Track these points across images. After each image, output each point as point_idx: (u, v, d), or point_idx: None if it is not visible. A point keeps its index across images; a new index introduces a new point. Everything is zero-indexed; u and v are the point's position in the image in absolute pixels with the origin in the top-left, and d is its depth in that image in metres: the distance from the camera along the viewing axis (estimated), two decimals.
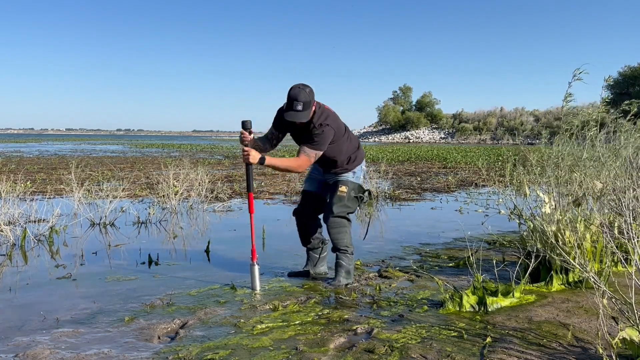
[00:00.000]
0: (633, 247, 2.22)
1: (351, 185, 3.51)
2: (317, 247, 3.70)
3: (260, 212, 3.44)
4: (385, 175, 11.32)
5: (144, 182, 9.93)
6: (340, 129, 3.42)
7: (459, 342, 2.50)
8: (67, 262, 4.16)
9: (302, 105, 3.15)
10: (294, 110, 3.17)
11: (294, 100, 3.15)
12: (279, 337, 2.57)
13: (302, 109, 3.16)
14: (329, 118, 3.32)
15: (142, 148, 30.99)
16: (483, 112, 61.57)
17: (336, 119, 3.42)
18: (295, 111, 3.17)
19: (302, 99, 3.15)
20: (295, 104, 3.15)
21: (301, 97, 3.15)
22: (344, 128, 3.49)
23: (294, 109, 3.16)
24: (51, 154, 21.76)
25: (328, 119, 3.32)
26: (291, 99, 3.18)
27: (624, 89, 47.03)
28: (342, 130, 3.45)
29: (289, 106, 3.19)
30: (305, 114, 3.19)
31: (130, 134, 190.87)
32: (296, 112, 3.17)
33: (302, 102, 3.15)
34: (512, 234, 5.33)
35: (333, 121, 3.35)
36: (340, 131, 3.42)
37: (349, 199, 3.49)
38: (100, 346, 2.48)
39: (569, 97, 3.55)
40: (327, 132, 3.28)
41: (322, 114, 3.32)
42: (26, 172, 11.84)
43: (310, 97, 3.19)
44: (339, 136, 3.40)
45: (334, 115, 3.40)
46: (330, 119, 3.33)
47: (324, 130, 3.27)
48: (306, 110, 3.18)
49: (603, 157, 3.79)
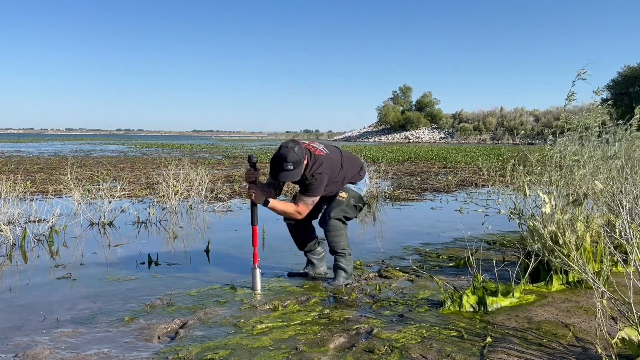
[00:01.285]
0: (631, 247, 2.22)
1: (352, 193, 3.52)
2: (313, 249, 3.71)
3: (260, 212, 3.43)
4: (385, 175, 11.32)
5: (143, 182, 9.93)
6: (335, 169, 3.44)
7: (459, 342, 2.50)
8: (67, 262, 4.16)
9: (292, 164, 3.21)
10: (285, 171, 3.23)
11: (284, 162, 3.21)
12: (279, 337, 2.58)
13: (292, 168, 3.22)
14: (322, 166, 3.36)
15: (142, 148, 30.99)
16: (483, 112, 61.57)
17: (330, 161, 3.42)
18: (287, 171, 3.23)
19: (291, 159, 3.20)
20: (285, 164, 3.21)
21: (290, 157, 3.20)
22: (340, 164, 3.49)
23: (285, 169, 3.23)
24: (51, 154, 21.76)
25: (321, 167, 3.36)
26: (281, 160, 3.23)
27: (624, 89, 47.02)
28: (338, 168, 3.46)
29: (280, 167, 3.25)
30: (296, 173, 3.25)
31: (130, 134, 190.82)
32: (288, 172, 3.23)
33: (292, 162, 3.20)
34: (512, 234, 5.33)
35: (327, 166, 3.38)
36: (336, 171, 3.44)
37: (348, 205, 3.49)
38: (100, 346, 2.48)
39: (571, 97, 3.56)
40: (321, 180, 3.34)
41: (315, 162, 3.36)
42: (26, 172, 11.84)
43: (300, 154, 3.23)
44: (334, 175, 3.44)
45: (327, 160, 3.41)
46: (324, 167, 3.36)
47: (317, 178, 3.34)
48: (297, 168, 3.24)
49: (600, 158, 3.79)
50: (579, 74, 3.45)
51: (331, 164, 3.42)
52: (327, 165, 3.39)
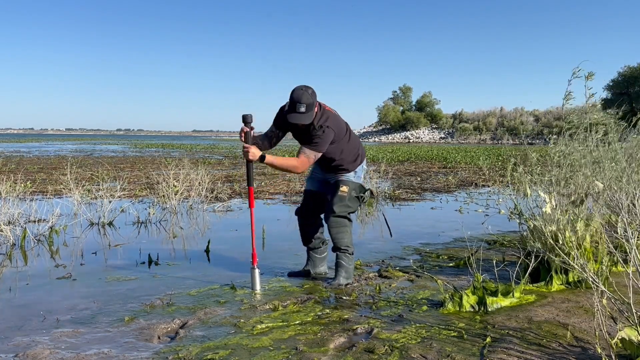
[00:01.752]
0: (631, 247, 2.22)
1: (352, 185, 3.52)
2: (317, 247, 3.71)
3: (260, 212, 3.44)
4: (385, 175, 11.32)
5: (143, 182, 9.93)
6: (341, 130, 3.43)
7: (459, 342, 2.50)
8: (67, 262, 4.16)
9: (305, 107, 3.17)
10: (297, 112, 3.19)
11: (297, 102, 3.17)
12: (279, 337, 2.58)
13: (305, 111, 3.18)
14: (329, 119, 3.33)
15: (142, 148, 30.99)
16: (483, 112, 61.61)
17: (337, 119, 3.42)
18: (299, 113, 3.19)
19: (305, 100, 3.17)
20: (298, 106, 3.17)
21: (304, 99, 3.17)
22: (345, 128, 3.50)
23: (297, 110, 3.18)
24: (51, 154, 21.76)
25: (328, 120, 3.33)
26: (294, 100, 3.19)
27: (624, 89, 47.03)
28: (343, 131, 3.46)
29: (292, 108, 3.21)
30: (308, 116, 3.21)
31: (130, 134, 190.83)
32: (299, 114, 3.19)
33: (305, 104, 3.17)
34: (512, 234, 5.33)
35: (333, 122, 3.35)
36: (341, 132, 3.43)
37: (350, 199, 3.49)
38: (100, 346, 2.48)
39: (569, 96, 3.56)
40: (327, 134, 3.29)
41: (323, 115, 3.34)
42: (26, 172, 11.84)
43: (313, 99, 3.21)
44: (340, 137, 3.41)
45: (334, 116, 3.41)
46: (331, 121, 3.34)
47: (324, 132, 3.28)
48: (309, 112, 3.20)
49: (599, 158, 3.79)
50: (575, 72, 3.45)
51: (338, 122, 3.41)
52: (334, 121, 3.37)
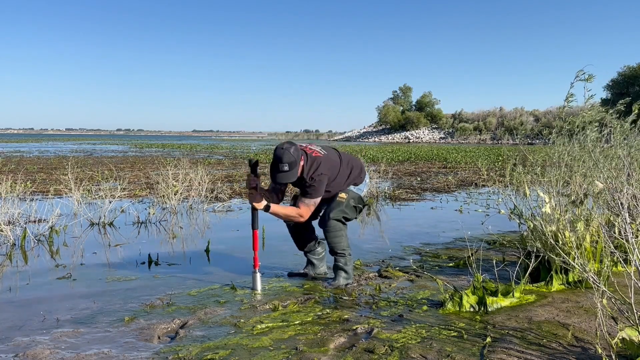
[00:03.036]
0: (631, 247, 2.22)
1: (351, 194, 3.52)
2: (313, 249, 3.71)
3: (260, 212, 3.43)
4: (385, 175, 11.32)
5: (143, 182, 9.93)
6: (335, 169, 3.45)
7: (459, 342, 2.50)
8: (67, 262, 4.16)
9: (287, 165, 3.22)
10: (281, 172, 3.24)
11: (279, 163, 3.23)
12: (279, 337, 2.58)
13: (288, 169, 3.23)
14: (320, 166, 3.36)
15: (142, 148, 30.99)
16: (483, 112, 61.61)
17: (327, 161, 3.42)
18: (283, 172, 3.24)
19: (286, 160, 3.21)
20: (281, 165, 3.23)
21: (285, 158, 3.21)
22: (339, 165, 3.49)
23: (281, 170, 3.24)
24: (51, 154, 21.76)
25: (319, 167, 3.36)
26: (276, 160, 3.25)
27: (624, 89, 47.02)
28: (337, 169, 3.47)
29: (276, 168, 3.26)
30: (292, 174, 3.26)
31: (130, 134, 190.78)
32: (283, 173, 3.24)
33: (287, 163, 3.22)
34: (512, 234, 5.33)
35: (325, 167, 3.38)
36: (335, 171, 3.45)
37: (347, 206, 3.49)
38: (100, 346, 2.48)
39: (570, 97, 3.56)
40: (320, 181, 3.35)
41: (313, 164, 3.36)
42: (26, 172, 11.84)
43: (295, 155, 3.24)
44: (335, 175, 3.44)
45: (325, 160, 3.41)
46: (322, 167, 3.37)
47: (317, 180, 3.34)
48: (293, 169, 3.25)
49: (598, 157, 3.79)
50: (578, 75, 3.45)
51: (330, 164, 3.43)
52: (326, 165, 3.39)
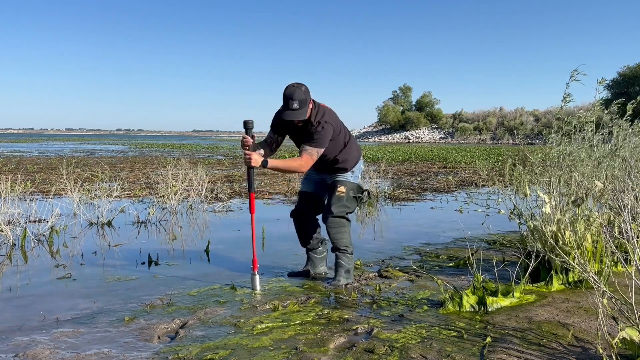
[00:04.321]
0: (632, 247, 2.22)
1: (350, 186, 3.51)
2: (316, 247, 3.70)
3: (260, 212, 3.45)
4: (385, 175, 11.32)
5: (143, 182, 9.93)
6: (339, 126, 3.43)
7: (459, 342, 2.50)
8: (67, 262, 4.16)
9: (298, 103, 3.16)
10: (290, 109, 3.17)
11: (290, 99, 3.16)
12: (279, 337, 2.57)
13: (298, 107, 3.17)
14: (326, 114, 3.33)
15: (142, 148, 30.99)
16: (483, 112, 61.61)
17: (333, 115, 3.42)
18: (292, 110, 3.17)
19: (297, 97, 3.16)
20: (291, 102, 3.16)
21: (296, 95, 3.16)
22: (342, 126, 3.49)
23: (291, 107, 3.17)
24: (51, 154, 21.75)
25: (325, 115, 3.32)
26: (287, 98, 3.18)
27: (623, 89, 47.04)
28: (340, 128, 3.45)
29: (286, 106, 3.20)
30: (302, 112, 3.20)
31: (130, 134, 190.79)
32: (293, 111, 3.18)
33: (298, 100, 3.16)
34: (512, 234, 5.33)
35: (331, 118, 3.35)
36: (339, 128, 3.42)
37: (348, 199, 3.49)
38: (100, 346, 2.48)
39: (567, 98, 3.56)
40: (327, 129, 3.28)
41: (319, 111, 3.33)
42: (26, 172, 11.84)
43: (306, 95, 3.20)
44: (337, 134, 3.40)
45: (330, 112, 3.40)
46: (328, 116, 3.34)
47: (324, 127, 3.27)
48: (303, 108, 3.19)
49: (599, 158, 3.79)
50: (573, 75, 3.46)
51: (334, 118, 3.41)
52: (331, 117, 3.37)
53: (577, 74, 3.47)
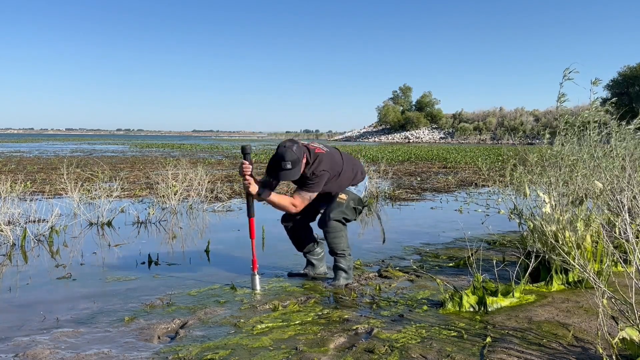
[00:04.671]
0: (632, 247, 2.22)
1: (351, 195, 3.52)
2: (312, 250, 3.71)
3: (260, 212, 3.45)
4: (385, 175, 11.32)
5: (143, 182, 9.93)
6: (336, 167, 3.44)
7: (459, 342, 2.50)
8: (67, 262, 4.16)
9: (290, 163, 3.22)
10: (284, 170, 3.24)
11: (282, 161, 3.23)
12: (279, 337, 2.57)
13: (291, 167, 3.23)
14: (322, 163, 3.36)
15: (142, 148, 30.99)
16: (483, 112, 61.62)
17: (330, 158, 3.43)
18: (286, 170, 3.24)
19: (289, 158, 3.21)
20: (283, 164, 3.23)
21: (288, 156, 3.21)
22: (341, 163, 3.50)
23: (284, 168, 3.24)
24: (51, 154, 21.76)
25: (321, 164, 3.36)
26: (279, 159, 3.25)
27: (623, 89, 47.07)
28: (339, 167, 3.46)
29: (279, 166, 3.26)
30: (295, 171, 3.26)
31: (130, 134, 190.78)
32: (287, 171, 3.24)
33: (290, 161, 3.22)
34: (512, 234, 5.33)
35: (327, 165, 3.38)
36: (336, 169, 3.44)
37: (347, 207, 3.49)
38: (100, 346, 2.48)
39: (562, 98, 3.57)
40: (321, 177, 3.35)
41: (315, 161, 3.36)
42: (26, 172, 11.84)
43: (298, 153, 3.25)
44: (336, 174, 3.44)
45: (327, 156, 3.42)
46: (324, 164, 3.37)
47: (318, 176, 3.35)
48: (295, 167, 3.25)
49: (599, 158, 3.79)
50: (565, 74, 3.46)
51: (332, 161, 3.43)
52: (328, 163, 3.39)
53: (570, 72, 3.47)
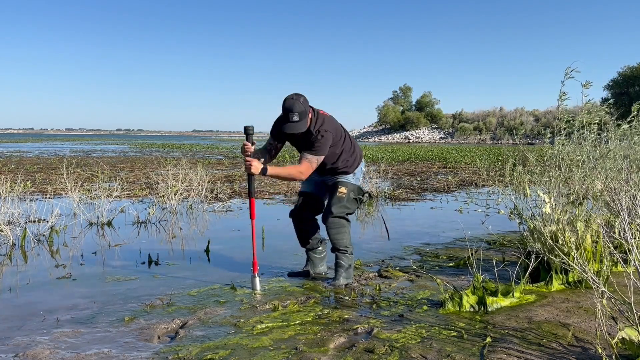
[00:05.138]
0: (631, 247, 2.22)
1: (351, 187, 3.52)
2: (316, 247, 3.71)
3: (260, 212, 3.45)
4: (385, 175, 11.32)
5: (143, 182, 9.93)
6: (338, 133, 3.45)
7: (459, 342, 2.50)
8: (67, 262, 4.16)
9: (297, 115, 3.20)
10: (291, 122, 3.21)
11: (289, 112, 3.20)
12: (279, 337, 2.58)
13: (298, 119, 3.21)
14: (325, 123, 3.35)
15: (142, 148, 30.99)
16: (483, 112, 61.64)
17: (333, 122, 3.44)
18: (292, 122, 3.21)
19: (296, 109, 3.19)
20: (290, 115, 3.19)
21: (296, 107, 3.19)
22: (342, 131, 3.51)
23: (291, 120, 3.20)
24: (51, 154, 21.76)
25: (324, 124, 3.35)
26: (286, 110, 3.22)
27: (624, 89, 47.08)
28: (340, 134, 3.47)
29: (285, 118, 3.23)
30: (302, 124, 3.23)
31: (130, 134, 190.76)
32: (293, 123, 3.21)
33: (298, 113, 3.19)
34: (512, 234, 5.33)
35: (330, 126, 3.37)
36: (338, 135, 3.44)
37: (349, 200, 3.50)
38: (100, 346, 2.48)
39: (563, 96, 3.57)
40: (326, 137, 3.31)
41: (319, 119, 3.35)
42: (26, 172, 11.84)
43: (305, 106, 3.23)
44: (337, 140, 3.43)
45: (330, 120, 3.42)
46: (327, 124, 3.36)
47: (323, 136, 3.30)
48: (302, 120, 3.22)
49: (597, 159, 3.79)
50: (567, 72, 3.46)
51: (334, 125, 3.43)
52: (331, 124, 3.38)
53: (572, 71, 3.47)
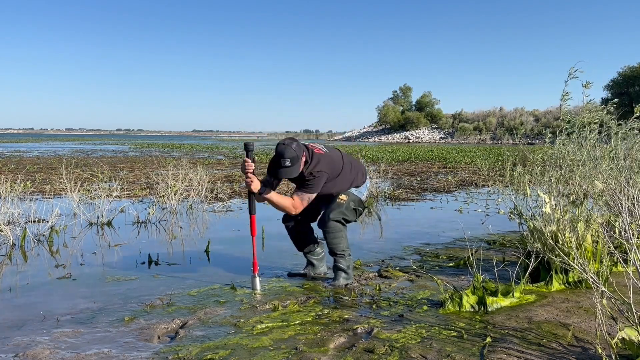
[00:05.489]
0: (631, 247, 2.22)
1: (352, 197, 3.53)
2: (313, 250, 3.71)
3: (260, 211, 3.45)
4: (385, 175, 11.32)
5: (143, 182, 9.93)
6: (335, 169, 3.46)
7: (459, 342, 2.50)
8: (67, 262, 4.16)
9: (289, 161, 3.25)
10: (283, 167, 3.27)
11: (281, 158, 3.26)
12: (279, 337, 2.58)
13: (290, 165, 3.26)
14: (320, 164, 3.38)
15: (142, 148, 30.99)
16: (483, 112, 61.61)
17: (329, 160, 3.45)
18: (285, 168, 3.27)
19: (288, 155, 3.24)
20: (282, 161, 3.26)
21: (287, 153, 3.24)
22: (341, 164, 3.51)
23: (283, 165, 3.26)
24: (51, 154, 21.76)
25: (319, 164, 3.38)
26: (278, 156, 3.28)
27: (624, 89, 47.07)
28: (338, 168, 3.48)
29: (278, 163, 3.29)
30: (294, 169, 3.29)
31: (130, 134, 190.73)
32: (285, 169, 3.27)
33: (290, 158, 3.25)
34: (512, 234, 5.33)
35: (325, 165, 3.40)
36: (336, 170, 3.46)
37: (347, 208, 3.49)
38: (100, 346, 2.48)
39: (566, 96, 3.57)
40: (319, 177, 3.37)
41: (313, 160, 3.38)
42: (26, 172, 11.84)
43: (297, 151, 3.28)
44: (335, 175, 3.46)
45: (326, 158, 3.44)
46: (322, 164, 3.39)
47: (316, 177, 3.37)
48: (295, 165, 3.28)
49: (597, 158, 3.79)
50: (571, 72, 3.46)
51: (330, 163, 3.44)
52: (326, 164, 3.41)
53: (575, 71, 3.47)
